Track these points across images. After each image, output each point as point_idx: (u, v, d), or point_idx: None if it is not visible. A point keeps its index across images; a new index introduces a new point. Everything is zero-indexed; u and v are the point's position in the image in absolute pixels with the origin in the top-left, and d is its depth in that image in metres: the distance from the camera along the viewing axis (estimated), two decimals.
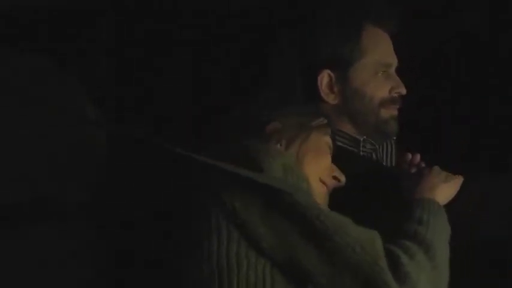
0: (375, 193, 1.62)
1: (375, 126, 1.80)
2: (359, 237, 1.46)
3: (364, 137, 1.80)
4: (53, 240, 1.83)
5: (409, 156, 1.71)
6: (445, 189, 1.66)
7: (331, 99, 1.77)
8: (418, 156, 1.70)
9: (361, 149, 1.79)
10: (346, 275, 1.44)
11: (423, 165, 1.70)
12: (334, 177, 1.63)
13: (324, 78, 1.76)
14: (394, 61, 1.82)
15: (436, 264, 1.50)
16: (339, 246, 1.43)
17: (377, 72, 1.78)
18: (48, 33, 2.12)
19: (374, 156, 1.83)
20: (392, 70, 1.81)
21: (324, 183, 1.61)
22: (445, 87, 2.29)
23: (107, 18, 2.21)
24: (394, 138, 1.85)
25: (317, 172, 1.60)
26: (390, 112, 1.81)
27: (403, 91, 1.81)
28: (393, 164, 1.87)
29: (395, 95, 1.81)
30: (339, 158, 1.65)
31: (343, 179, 1.63)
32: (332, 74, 1.76)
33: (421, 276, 1.46)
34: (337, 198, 1.60)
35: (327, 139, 1.64)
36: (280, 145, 1.58)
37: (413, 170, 1.69)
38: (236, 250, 1.47)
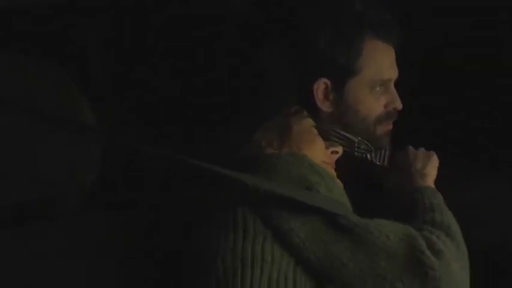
0: (369, 193, 1.63)
1: (368, 141, 1.81)
2: (391, 226, 1.53)
3: (359, 138, 1.80)
4: (53, 240, 1.83)
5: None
6: (431, 172, 1.73)
7: (325, 107, 1.76)
8: None
9: (355, 149, 1.79)
10: (381, 259, 1.48)
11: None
12: (332, 152, 1.66)
13: (320, 86, 1.75)
14: (393, 75, 1.80)
15: (458, 243, 1.58)
16: (371, 236, 1.49)
17: (373, 87, 1.77)
18: (44, 33, 2.12)
19: (368, 157, 1.83)
20: (391, 84, 1.80)
21: (327, 163, 1.63)
22: (441, 87, 2.28)
23: (104, 17, 2.21)
24: None
25: (318, 156, 1.61)
26: (385, 128, 1.81)
27: (399, 106, 1.80)
28: (386, 165, 1.87)
29: (391, 109, 1.80)
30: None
31: (339, 149, 1.66)
32: (329, 83, 1.75)
33: (451, 255, 1.53)
34: None
35: (308, 121, 1.65)
36: (274, 149, 1.59)
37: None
38: (262, 244, 1.48)
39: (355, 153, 1.79)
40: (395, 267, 1.49)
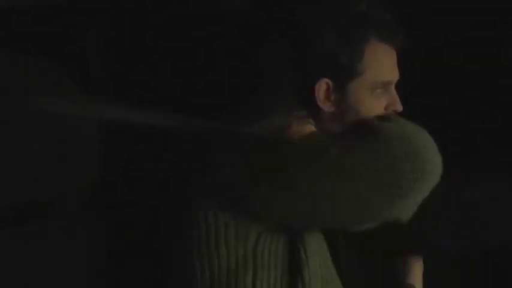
0: None
1: None
2: None
3: None
4: (53, 240, 1.83)
5: None
6: None
7: (327, 107, 1.75)
8: None
9: None
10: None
11: None
12: None
13: (322, 86, 1.74)
14: (394, 78, 1.80)
15: None
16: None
17: (375, 89, 1.77)
18: (44, 33, 2.12)
19: None
20: (392, 86, 1.80)
21: None
22: (441, 87, 2.28)
23: (104, 17, 2.21)
24: None
25: None
26: None
27: (399, 108, 1.80)
28: None
29: (391, 111, 1.80)
30: None
31: None
32: (330, 83, 1.74)
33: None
34: None
35: (309, 127, 1.65)
36: None
37: None
38: (215, 236, 1.48)
39: None
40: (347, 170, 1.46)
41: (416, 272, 1.80)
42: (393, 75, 1.79)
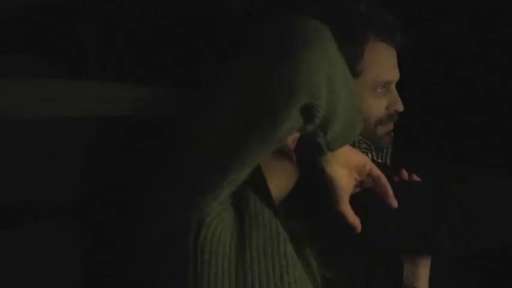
0: (368, 193, 1.63)
1: (368, 140, 1.81)
2: None
3: (359, 137, 1.79)
4: (48, 240, 1.83)
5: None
6: None
7: None
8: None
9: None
10: None
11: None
12: None
13: None
14: (394, 77, 1.80)
15: None
16: None
17: (375, 89, 1.77)
18: (44, 33, 2.12)
19: (370, 155, 1.83)
20: (392, 85, 1.80)
21: None
22: (442, 87, 2.29)
23: (104, 17, 2.21)
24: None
25: None
26: (386, 129, 1.81)
27: (400, 108, 1.80)
28: (388, 163, 1.87)
29: (392, 111, 1.80)
30: None
31: None
32: None
33: None
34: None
35: None
36: None
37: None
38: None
39: None
40: None
41: (423, 273, 1.79)
42: (394, 74, 1.80)
